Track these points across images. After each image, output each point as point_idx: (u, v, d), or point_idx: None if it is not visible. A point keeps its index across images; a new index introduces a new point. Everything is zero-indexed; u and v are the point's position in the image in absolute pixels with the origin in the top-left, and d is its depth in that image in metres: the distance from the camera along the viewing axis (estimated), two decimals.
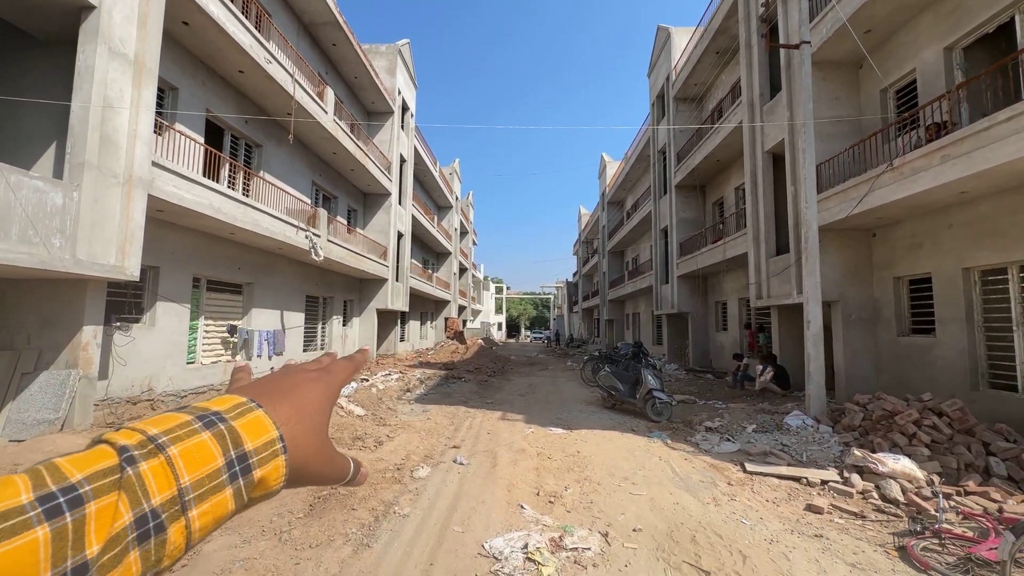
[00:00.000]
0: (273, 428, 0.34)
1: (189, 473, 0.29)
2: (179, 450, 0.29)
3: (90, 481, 0.26)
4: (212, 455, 0.30)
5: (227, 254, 10.04)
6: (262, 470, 0.33)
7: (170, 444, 0.29)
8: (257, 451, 0.33)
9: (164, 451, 0.29)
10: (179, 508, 0.28)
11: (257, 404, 0.35)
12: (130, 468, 0.27)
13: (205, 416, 0.32)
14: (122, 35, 6.24)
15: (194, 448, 0.30)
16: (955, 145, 5.88)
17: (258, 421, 0.34)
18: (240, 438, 0.32)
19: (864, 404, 6.48)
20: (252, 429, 0.33)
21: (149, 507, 0.27)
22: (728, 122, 12.85)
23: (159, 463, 0.28)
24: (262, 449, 0.33)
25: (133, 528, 0.26)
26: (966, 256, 6.92)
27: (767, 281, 10.54)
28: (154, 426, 0.30)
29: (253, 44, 9.05)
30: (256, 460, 0.32)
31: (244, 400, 0.35)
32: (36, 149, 6.45)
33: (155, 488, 0.28)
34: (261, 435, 0.33)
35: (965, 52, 7.33)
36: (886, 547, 3.46)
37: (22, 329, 6.11)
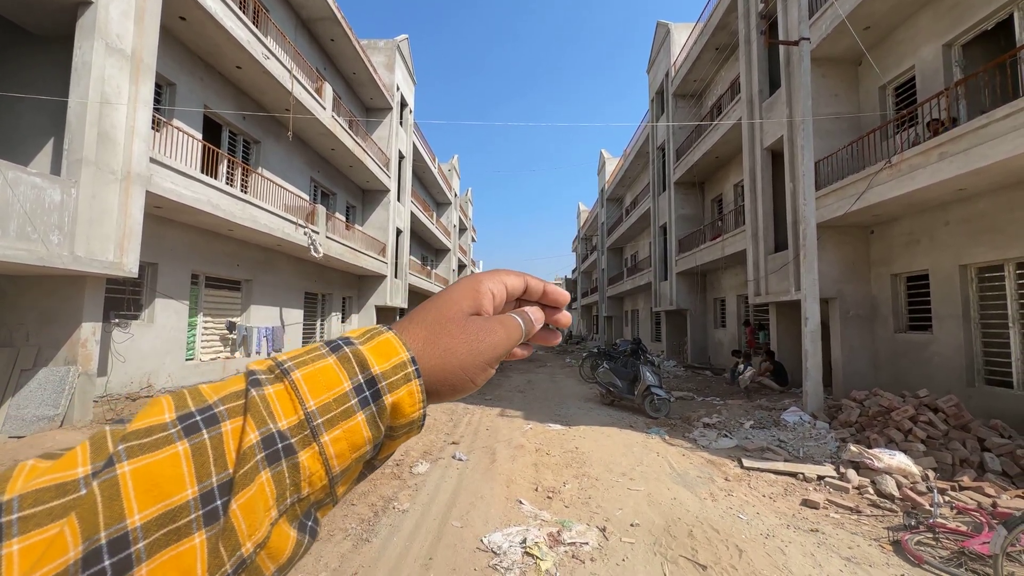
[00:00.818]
0: (402, 349, 0.32)
1: (314, 397, 0.29)
2: (303, 374, 0.29)
3: (224, 402, 0.27)
4: (337, 379, 0.30)
5: (226, 251, 10.03)
6: (393, 395, 0.31)
7: (294, 368, 0.29)
8: (386, 375, 0.31)
9: (288, 375, 0.29)
10: (309, 433, 0.28)
11: (387, 327, 0.34)
12: (254, 390, 0.28)
13: (333, 342, 0.32)
14: (119, 31, 6.21)
15: (319, 372, 0.30)
16: (953, 142, 5.89)
17: (386, 343, 0.32)
18: (366, 361, 0.31)
19: (861, 400, 6.52)
20: (379, 352, 0.32)
21: (276, 429, 0.27)
22: (727, 119, 12.84)
23: (283, 387, 0.29)
24: (391, 373, 0.31)
25: (260, 447, 0.26)
26: (963, 253, 6.95)
27: (766, 278, 10.56)
28: (287, 354, 0.31)
29: (251, 40, 9.02)
30: (386, 384, 0.31)
31: (377, 326, 0.34)
32: (34, 145, 6.43)
33: (280, 412, 0.28)
34: (389, 357, 0.32)
35: (964, 49, 7.33)
36: (881, 541, 3.50)
37: (21, 326, 6.11)
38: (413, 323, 0.36)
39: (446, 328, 0.36)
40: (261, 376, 0.29)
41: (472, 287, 0.39)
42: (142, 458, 0.24)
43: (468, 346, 0.35)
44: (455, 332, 0.36)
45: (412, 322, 0.36)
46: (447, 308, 0.37)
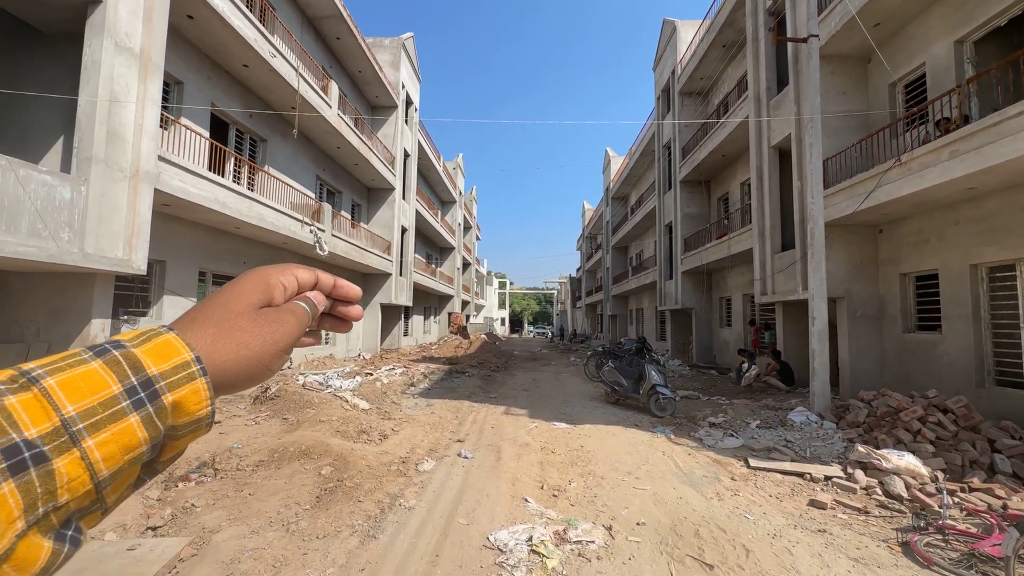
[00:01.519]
0: (185, 351, 0.32)
1: (73, 403, 0.27)
2: (57, 381, 0.28)
3: None
4: (103, 383, 0.29)
5: (232, 248, 10.09)
6: (174, 394, 0.31)
7: (46, 376, 0.28)
8: (164, 375, 0.31)
9: (38, 383, 0.27)
10: (67, 439, 0.27)
11: (168, 328, 0.33)
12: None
13: (100, 347, 0.30)
14: (128, 29, 6.25)
15: (79, 377, 0.28)
16: (964, 140, 5.83)
17: (165, 344, 0.32)
18: (140, 363, 0.30)
19: (869, 400, 6.47)
20: (157, 353, 0.31)
21: (22, 438, 0.25)
22: (734, 117, 12.75)
23: (31, 396, 0.27)
24: (171, 373, 0.31)
25: (1, 459, 0.25)
26: (973, 253, 6.87)
27: (772, 277, 10.50)
28: (37, 363, 0.29)
29: (257, 38, 9.05)
30: (165, 384, 0.30)
31: (156, 328, 0.33)
32: (44, 143, 6.49)
33: (27, 420, 0.26)
34: (169, 358, 0.31)
35: (976, 46, 7.24)
36: (889, 543, 3.47)
37: (32, 322, 6.18)
38: (198, 321, 0.35)
39: (237, 323, 0.36)
40: (2, 387, 0.27)
41: (262, 280, 0.40)
42: None
43: (261, 338, 0.36)
44: (246, 326, 0.36)
45: (197, 320, 0.35)
46: (236, 302, 0.37)
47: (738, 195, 14.88)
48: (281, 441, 5.34)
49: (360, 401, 7.89)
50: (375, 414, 7.31)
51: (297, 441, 5.23)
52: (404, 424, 6.77)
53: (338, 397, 7.93)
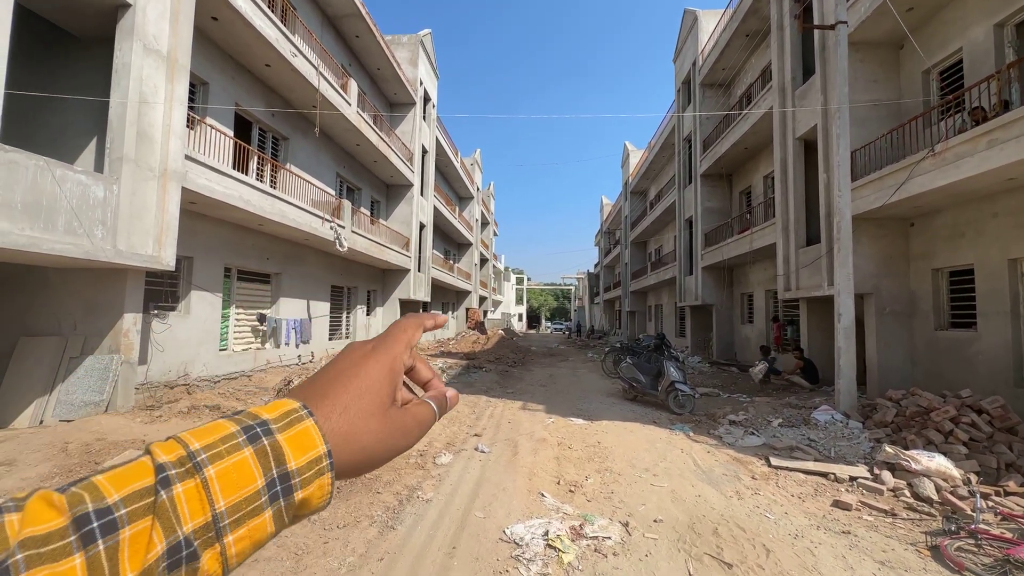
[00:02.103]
0: (320, 443, 0.32)
1: (225, 497, 0.27)
2: (216, 471, 0.28)
3: (126, 503, 0.25)
4: (251, 476, 0.29)
5: (256, 245, 10.34)
6: (304, 491, 0.30)
7: (208, 463, 0.28)
8: (301, 471, 0.30)
9: (201, 471, 0.27)
10: (214, 535, 0.27)
11: (308, 411, 0.33)
12: (164, 491, 0.26)
13: (251, 428, 0.30)
14: (156, 32, 6.44)
15: (233, 468, 0.28)
16: (1004, 128, 5.55)
17: (305, 434, 0.31)
18: (283, 455, 0.30)
19: (897, 400, 6.26)
20: (298, 444, 0.31)
21: (182, 534, 0.26)
22: (758, 108, 12.42)
23: (194, 485, 0.27)
24: (306, 468, 0.30)
25: (165, 558, 0.25)
26: (1012, 247, 6.56)
27: (796, 272, 10.23)
28: (198, 438, 0.29)
29: (279, 38, 9.21)
30: (299, 481, 0.30)
31: (296, 407, 0.33)
32: (78, 144, 6.75)
33: (187, 514, 0.26)
34: (307, 451, 0.31)
35: (1018, 29, 6.88)
36: (918, 546, 3.37)
37: (69, 316, 6.46)
38: (334, 405, 0.34)
39: (367, 425, 0.35)
40: (171, 472, 0.27)
41: (391, 369, 0.39)
42: (38, 571, 0.22)
43: (384, 444, 0.36)
44: (376, 430, 0.35)
45: (328, 401, 0.34)
46: (369, 398, 0.36)
47: (761, 188, 14.52)
48: None
49: None
50: None
51: None
52: None
53: None
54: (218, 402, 6.85)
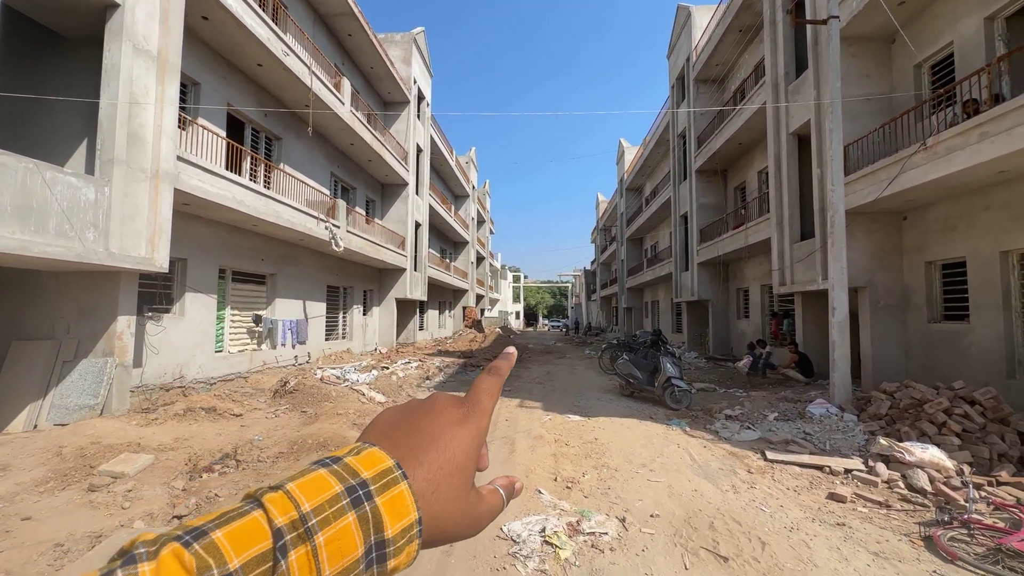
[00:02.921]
0: (413, 510, 0.32)
1: (331, 566, 0.28)
2: (325, 538, 0.28)
3: (245, 570, 0.26)
4: (354, 544, 0.29)
5: (251, 245, 10.29)
6: (395, 560, 0.31)
7: (318, 529, 0.28)
8: (395, 539, 0.30)
9: (311, 538, 0.28)
10: None
11: (402, 473, 0.32)
12: (283, 560, 0.26)
13: (354, 490, 0.30)
14: (145, 32, 6.38)
15: (338, 535, 0.29)
16: (995, 121, 5.59)
17: (400, 500, 0.31)
18: (382, 523, 0.30)
19: (891, 392, 6.31)
20: (394, 510, 0.31)
21: None
22: (751, 103, 12.45)
23: (305, 553, 0.27)
24: (399, 536, 0.31)
25: None
26: (1004, 239, 6.61)
27: (791, 267, 10.28)
28: (307, 496, 0.29)
29: (271, 37, 9.15)
30: (393, 549, 0.30)
31: (391, 466, 0.32)
32: (68, 146, 6.69)
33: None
34: (401, 518, 0.31)
35: (1008, 22, 6.92)
36: (911, 537, 3.40)
37: (62, 319, 6.41)
38: (428, 481, 0.34)
39: (452, 507, 0.35)
40: (287, 538, 0.27)
41: (478, 445, 0.38)
42: None
43: (457, 529, 0.36)
44: (456, 513, 0.35)
45: (427, 477, 0.34)
46: (458, 479, 0.35)
47: (755, 184, 14.56)
48: (300, 433, 5.46)
49: (376, 394, 8.01)
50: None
51: (315, 433, 5.35)
52: None
53: (355, 390, 8.07)
54: (214, 404, 6.82)
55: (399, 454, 0.34)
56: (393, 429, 0.37)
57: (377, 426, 0.37)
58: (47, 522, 3.41)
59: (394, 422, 0.37)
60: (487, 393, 0.41)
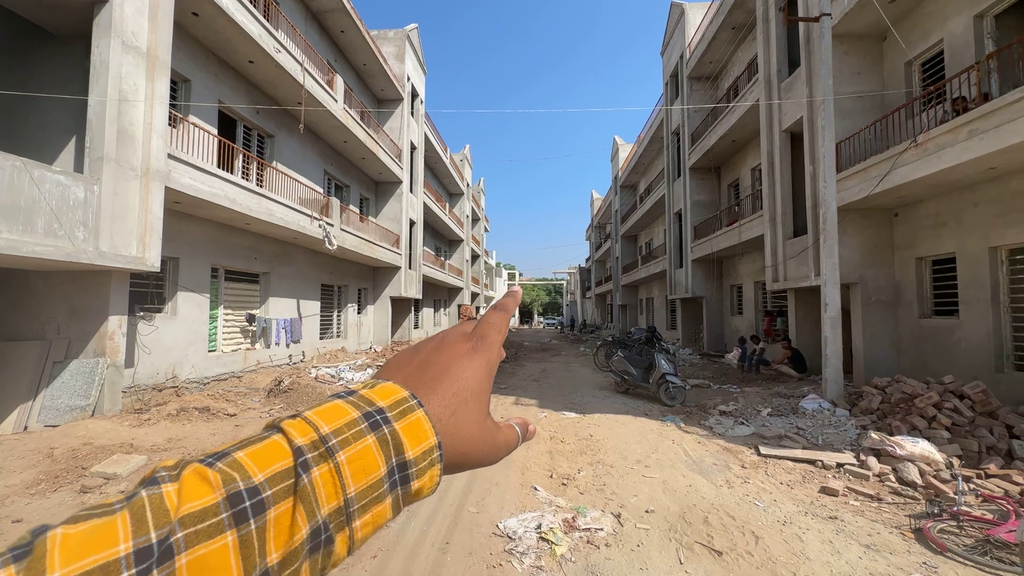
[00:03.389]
0: (432, 434, 0.32)
1: (355, 483, 0.28)
2: (347, 456, 0.28)
3: (271, 484, 0.26)
4: (375, 463, 0.29)
5: (243, 244, 10.21)
6: (419, 481, 0.31)
7: (339, 448, 0.28)
8: (416, 460, 0.31)
9: (333, 456, 0.28)
10: (344, 519, 0.28)
11: (418, 402, 0.33)
12: (304, 475, 0.27)
13: (371, 414, 0.31)
14: (134, 28, 6.30)
15: (360, 455, 0.29)
16: (984, 119, 5.65)
17: (418, 425, 0.32)
18: (402, 445, 0.31)
19: (882, 387, 6.38)
20: (413, 434, 0.31)
21: (321, 519, 0.27)
22: (744, 101, 12.50)
23: (328, 470, 0.28)
24: (421, 459, 0.31)
25: (308, 541, 0.26)
26: (993, 235, 6.69)
27: (784, 264, 10.35)
28: (325, 421, 0.29)
29: (262, 33, 9.06)
30: (415, 471, 0.31)
31: (406, 395, 0.33)
32: (57, 144, 6.60)
33: (324, 498, 0.27)
34: (421, 442, 0.32)
35: (997, 20, 6.98)
36: (902, 529, 3.45)
37: (52, 319, 6.34)
38: (444, 405, 0.35)
39: (470, 430, 0.36)
40: (308, 456, 0.28)
41: (490, 375, 0.39)
42: (197, 549, 0.23)
43: (477, 454, 0.36)
44: (474, 436, 0.36)
45: (442, 401, 0.35)
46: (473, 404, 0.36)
47: (749, 181, 14.64)
48: None
49: None
50: None
51: None
52: None
53: None
54: (208, 404, 6.78)
55: (413, 386, 0.35)
56: (404, 366, 0.38)
57: (390, 365, 0.38)
58: (39, 524, 3.38)
59: (404, 360, 0.38)
60: (494, 327, 0.41)
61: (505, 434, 0.40)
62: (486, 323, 0.42)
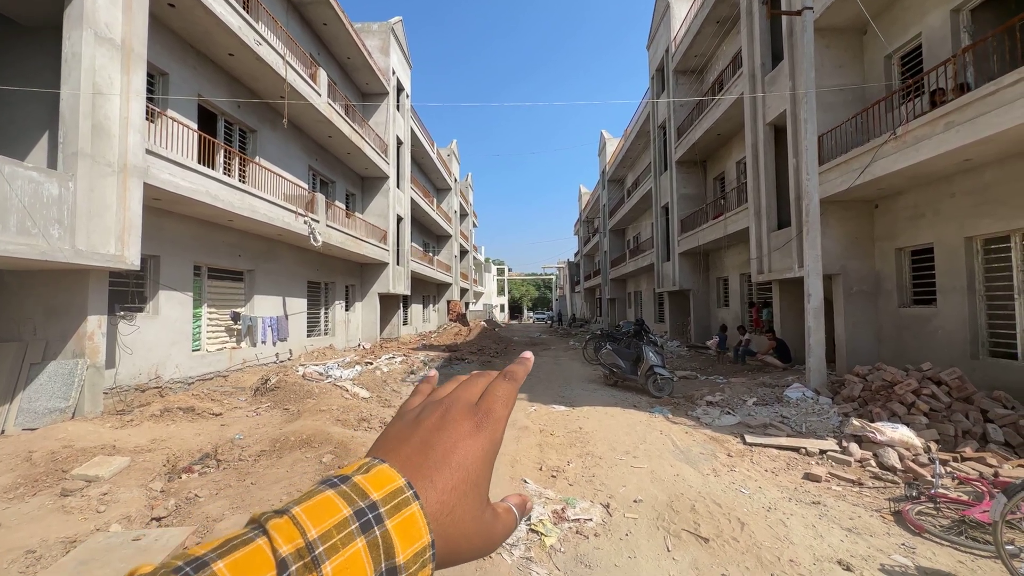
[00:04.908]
0: (426, 532, 0.30)
1: None
2: (333, 568, 0.27)
3: None
4: (364, 573, 0.27)
5: (227, 241, 10.04)
6: None
7: (326, 558, 0.27)
8: (407, 565, 0.29)
9: (319, 567, 0.26)
10: None
11: (414, 493, 0.31)
12: None
13: (363, 512, 0.29)
14: (107, 19, 6.11)
15: (348, 563, 0.27)
16: (959, 111, 5.77)
17: (412, 522, 0.30)
18: (393, 549, 0.29)
19: (864, 375, 6.53)
20: (405, 533, 0.29)
21: None
22: (729, 94, 12.60)
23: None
24: (412, 562, 0.29)
25: None
26: (968, 225, 6.86)
27: (768, 256, 10.50)
28: (313, 522, 0.28)
29: (242, 25, 8.87)
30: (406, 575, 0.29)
31: (401, 485, 0.31)
32: (29, 139, 6.40)
33: None
34: (414, 542, 0.29)
35: (972, 14, 7.12)
36: (882, 512, 3.54)
37: (28, 320, 6.17)
38: (442, 503, 0.32)
39: (467, 528, 0.33)
40: (292, 568, 0.26)
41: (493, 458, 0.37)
42: None
43: (471, 550, 0.34)
44: (471, 533, 0.34)
45: (440, 498, 0.32)
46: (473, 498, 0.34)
47: (734, 174, 14.79)
48: (282, 431, 5.38)
49: (360, 390, 7.94)
50: (375, 402, 7.37)
51: (298, 431, 5.28)
52: None
53: (338, 386, 7.98)
54: (193, 404, 6.67)
55: (410, 472, 0.32)
56: (402, 443, 0.35)
57: (387, 440, 0.36)
58: (18, 529, 3.30)
59: (404, 435, 0.36)
60: (501, 401, 0.38)
61: (503, 521, 0.38)
62: (492, 396, 0.39)
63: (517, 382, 0.41)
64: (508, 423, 3.27)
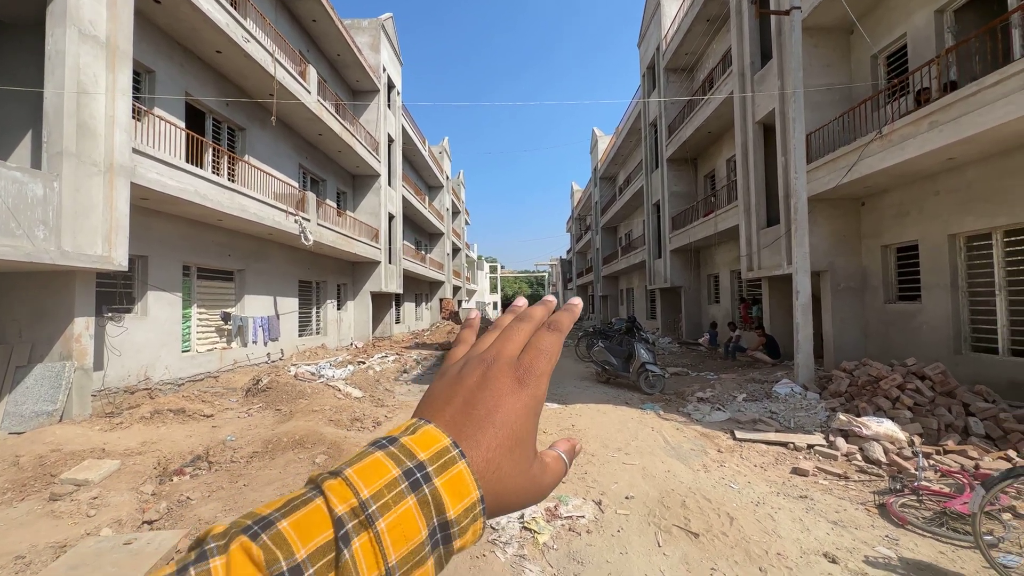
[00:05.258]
0: (474, 488, 0.31)
1: (395, 550, 0.27)
2: (387, 524, 0.28)
3: (312, 561, 0.26)
4: (416, 527, 0.28)
5: (216, 241, 9.94)
6: (461, 539, 0.30)
7: (379, 516, 0.28)
8: (458, 519, 0.30)
9: (373, 525, 0.27)
10: None
11: (460, 451, 0.31)
12: (346, 549, 0.26)
13: (411, 472, 0.30)
14: (91, 16, 6.01)
15: (400, 520, 0.28)
16: (943, 111, 5.88)
17: (460, 479, 0.31)
18: (443, 504, 0.29)
19: (850, 371, 6.64)
20: (454, 491, 0.30)
21: None
22: (719, 92, 12.69)
23: (368, 540, 0.27)
24: (463, 517, 0.30)
25: None
26: (952, 222, 7.00)
27: (758, 253, 10.61)
28: (365, 482, 0.28)
29: (229, 22, 8.76)
30: (457, 529, 0.30)
31: (447, 445, 0.31)
32: (12, 138, 6.29)
33: (365, 569, 0.26)
34: (463, 498, 0.30)
35: (956, 15, 7.24)
36: (867, 505, 3.62)
37: (13, 322, 6.08)
38: (488, 461, 0.33)
39: (515, 482, 0.34)
40: (349, 527, 0.27)
41: (537, 414, 0.36)
42: None
43: (521, 501, 0.35)
44: (520, 488, 0.34)
45: (486, 456, 0.33)
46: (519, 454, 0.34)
47: (724, 172, 14.91)
48: (274, 432, 5.36)
49: (353, 389, 7.92)
50: (368, 402, 7.36)
51: (290, 431, 5.26)
52: (397, 411, 6.83)
53: (330, 386, 7.96)
54: (183, 405, 6.62)
55: (455, 431, 0.33)
56: (446, 403, 0.35)
57: (432, 400, 0.36)
58: (7, 534, 3.27)
59: (447, 395, 0.36)
60: (545, 356, 0.37)
61: (552, 470, 0.38)
62: (535, 350, 0.38)
63: (562, 333, 0.40)
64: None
